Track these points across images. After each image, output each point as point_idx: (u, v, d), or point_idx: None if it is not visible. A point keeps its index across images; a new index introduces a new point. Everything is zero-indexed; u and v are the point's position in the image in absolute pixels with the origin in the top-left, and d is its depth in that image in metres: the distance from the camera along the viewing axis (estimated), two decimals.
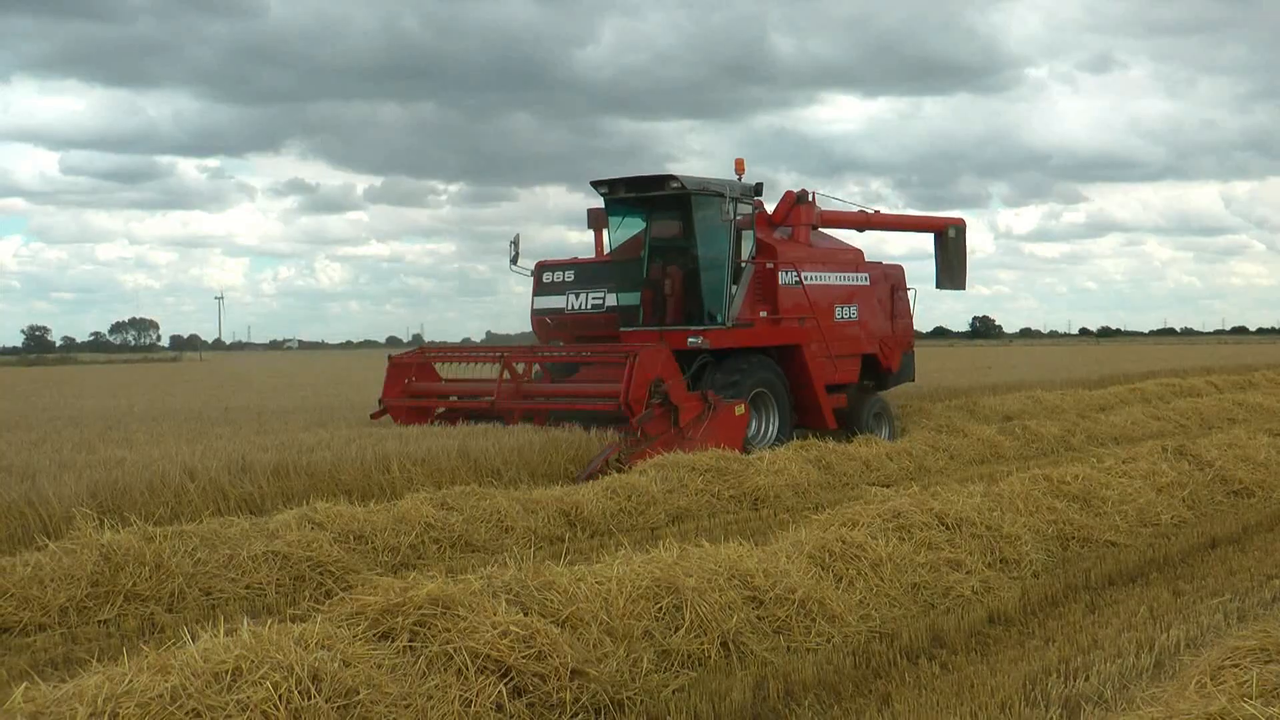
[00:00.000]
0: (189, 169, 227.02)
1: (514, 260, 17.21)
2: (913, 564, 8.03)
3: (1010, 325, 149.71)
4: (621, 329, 16.31)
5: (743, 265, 16.32)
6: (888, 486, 11.59)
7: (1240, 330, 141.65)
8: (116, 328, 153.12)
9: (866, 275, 18.44)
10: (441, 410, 16.14)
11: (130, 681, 4.60)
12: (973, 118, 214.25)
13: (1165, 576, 8.67)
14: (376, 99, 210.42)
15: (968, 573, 8.20)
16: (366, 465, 12.02)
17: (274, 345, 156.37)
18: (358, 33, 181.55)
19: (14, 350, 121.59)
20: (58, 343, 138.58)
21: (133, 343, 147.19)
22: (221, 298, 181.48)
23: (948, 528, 8.70)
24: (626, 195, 16.68)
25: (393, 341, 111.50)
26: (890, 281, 18.96)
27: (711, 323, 15.97)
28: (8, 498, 9.77)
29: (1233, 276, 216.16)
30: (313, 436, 13.93)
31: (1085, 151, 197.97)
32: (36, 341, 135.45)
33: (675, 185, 15.97)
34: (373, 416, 16.26)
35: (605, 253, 17.56)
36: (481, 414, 15.40)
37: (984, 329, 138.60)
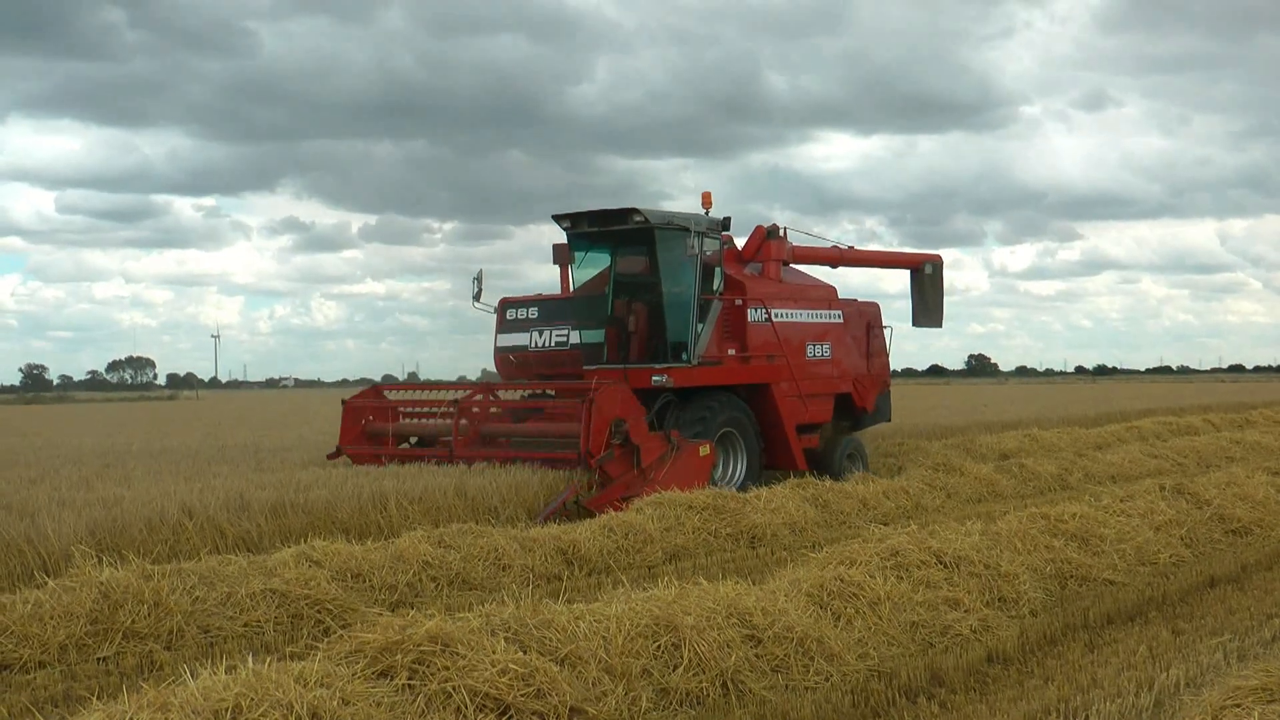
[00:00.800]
0: (184, 208, 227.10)
1: (477, 297, 16.76)
2: (911, 603, 8.03)
3: (1006, 363, 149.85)
4: (585, 367, 15.86)
5: (710, 301, 15.94)
6: (885, 525, 11.55)
7: (1237, 368, 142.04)
8: (113, 366, 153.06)
9: (840, 313, 18.10)
10: (403, 446, 16.01)
11: (131, 719, 4.61)
12: (967, 155, 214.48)
13: (1164, 615, 8.67)
14: (371, 137, 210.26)
15: (966, 611, 8.20)
16: (364, 503, 12.03)
17: (270, 383, 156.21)
18: (351, 70, 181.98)
19: (12, 388, 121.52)
20: (55, 381, 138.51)
21: (129, 381, 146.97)
22: (218, 336, 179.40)
23: (946, 566, 8.71)
24: (590, 229, 16.24)
25: (388, 379, 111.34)
26: (865, 319, 18.61)
27: (677, 360, 15.57)
28: (7, 535, 9.80)
29: (1229, 314, 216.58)
30: (310, 474, 13.92)
31: (1080, 189, 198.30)
32: (34, 380, 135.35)
33: (639, 219, 15.55)
34: (329, 457, 16.05)
35: (570, 288, 17.17)
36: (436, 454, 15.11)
37: (980, 367, 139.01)
